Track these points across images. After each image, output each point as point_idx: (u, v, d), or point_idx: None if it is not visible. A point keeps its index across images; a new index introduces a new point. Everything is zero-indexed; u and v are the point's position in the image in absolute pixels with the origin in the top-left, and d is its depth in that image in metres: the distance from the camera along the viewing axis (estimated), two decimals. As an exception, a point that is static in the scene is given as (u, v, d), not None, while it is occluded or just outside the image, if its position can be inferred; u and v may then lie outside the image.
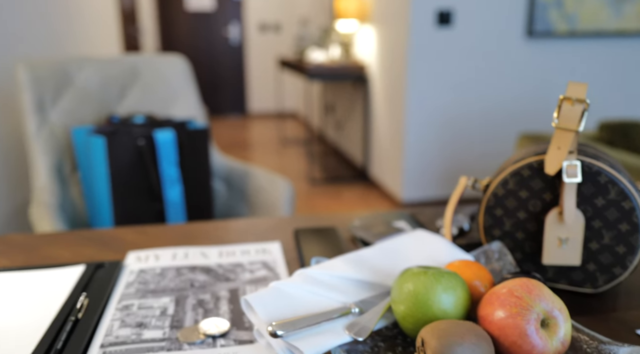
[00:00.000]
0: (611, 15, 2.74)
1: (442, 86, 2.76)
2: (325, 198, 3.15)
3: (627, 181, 0.57)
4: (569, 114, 0.56)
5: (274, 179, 1.34)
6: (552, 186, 0.59)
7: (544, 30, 2.71)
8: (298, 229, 0.77)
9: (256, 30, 5.84)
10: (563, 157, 0.57)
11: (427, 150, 2.85)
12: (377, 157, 3.29)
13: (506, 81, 2.80)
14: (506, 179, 0.61)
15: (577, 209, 0.58)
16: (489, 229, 0.63)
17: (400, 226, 0.79)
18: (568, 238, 0.58)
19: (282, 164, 4.01)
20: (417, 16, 2.63)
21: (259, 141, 4.82)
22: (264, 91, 6.03)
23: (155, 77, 1.32)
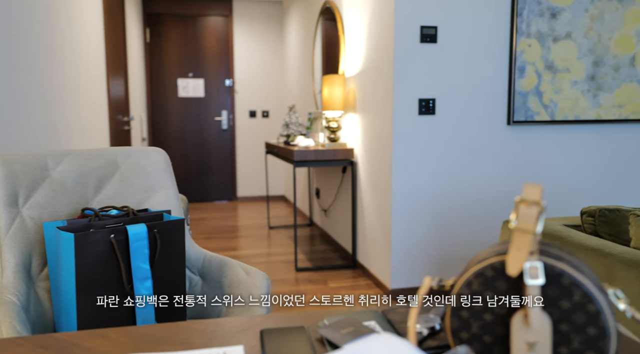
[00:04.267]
0: (589, 104, 2.87)
1: (427, 173, 2.81)
2: (312, 285, 3.08)
3: (591, 283, 0.56)
4: (525, 216, 0.57)
5: (252, 271, 1.31)
6: (516, 287, 0.58)
7: (524, 118, 2.81)
8: (264, 330, 0.74)
9: (245, 116, 6.03)
10: (524, 258, 0.56)
11: (415, 237, 2.84)
12: (364, 243, 3.27)
13: (489, 168, 2.86)
14: (470, 280, 0.60)
15: (543, 312, 0.56)
16: (456, 332, 0.61)
17: (370, 325, 0.76)
18: (536, 342, 0.56)
19: (269, 249, 3.96)
20: (400, 105, 2.74)
21: (246, 226, 4.80)
22: (253, 175, 6.10)
23: (134, 169, 1.34)
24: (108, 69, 3.67)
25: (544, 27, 2.77)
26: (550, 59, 2.79)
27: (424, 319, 0.74)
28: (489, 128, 2.84)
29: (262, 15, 5.97)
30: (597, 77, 2.85)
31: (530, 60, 2.78)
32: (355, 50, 3.35)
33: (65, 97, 2.76)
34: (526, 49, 2.77)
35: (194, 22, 5.84)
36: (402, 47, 2.70)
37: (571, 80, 2.83)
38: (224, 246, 4.04)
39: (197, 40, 5.86)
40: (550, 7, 2.76)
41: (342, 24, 3.59)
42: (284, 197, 6.15)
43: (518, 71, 2.78)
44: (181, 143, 5.93)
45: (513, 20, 2.74)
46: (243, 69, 5.96)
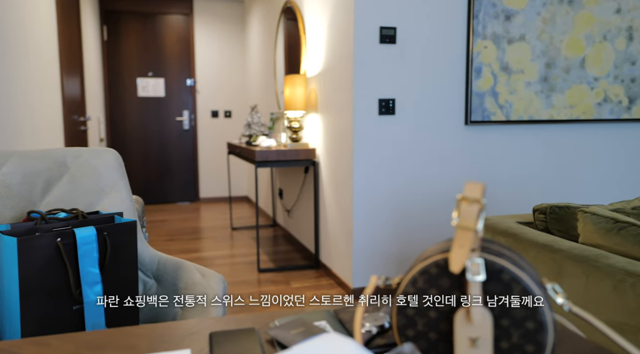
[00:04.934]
0: (542, 105, 2.96)
1: (388, 172, 2.84)
2: (275, 286, 3.06)
3: (529, 278, 0.58)
4: (467, 213, 0.58)
5: (207, 273, 1.30)
6: (459, 284, 0.59)
7: (481, 119, 2.87)
8: (213, 333, 0.73)
9: (207, 116, 5.95)
10: (466, 255, 0.57)
11: (376, 236, 2.86)
12: (327, 243, 3.27)
13: (448, 167, 2.91)
14: (415, 278, 0.61)
15: (484, 308, 0.57)
16: (402, 330, 0.62)
17: (321, 325, 0.76)
18: (478, 338, 0.57)
19: (231, 251, 3.92)
20: (361, 105, 2.75)
21: (209, 227, 4.74)
22: (215, 176, 6.03)
23: (84, 171, 1.30)
24: (62, 68, 3.55)
25: (499, 29, 2.84)
26: (505, 60, 2.87)
27: (374, 318, 0.74)
28: (448, 128, 2.89)
29: (224, 14, 5.91)
30: (549, 79, 2.95)
31: (486, 62, 2.85)
32: (316, 50, 3.36)
33: (14, 96, 2.65)
34: (482, 50, 2.83)
35: (153, 21, 5.73)
36: (361, 47, 2.72)
37: (525, 82, 2.91)
38: (185, 248, 3.97)
39: (157, 39, 5.75)
40: (505, 9, 2.83)
41: (303, 24, 3.59)
42: (247, 198, 6.10)
43: (475, 72, 2.84)
44: (141, 144, 5.81)
45: (469, 22, 2.80)
46: (205, 68, 5.88)
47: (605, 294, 1.28)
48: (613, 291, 1.26)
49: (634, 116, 3.10)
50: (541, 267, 1.53)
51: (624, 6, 3.00)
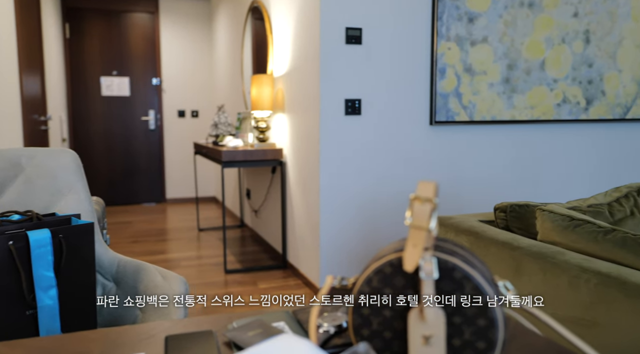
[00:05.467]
0: (504, 106, 3.02)
1: (354, 172, 2.85)
2: (241, 287, 3.04)
3: (480, 276, 0.59)
4: (419, 213, 0.58)
5: (169, 275, 1.27)
6: (413, 283, 0.60)
7: (445, 119, 2.92)
8: (169, 336, 0.72)
9: (174, 115, 5.86)
10: (419, 254, 0.58)
11: (342, 236, 2.88)
12: (294, 243, 3.27)
13: (413, 167, 2.94)
14: (370, 277, 0.61)
15: (437, 306, 0.58)
16: (358, 329, 0.62)
17: (279, 326, 0.76)
18: (431, 336, 0.58)
19: (198, 252, 3.87)
20: (327, 105, 2.76)
21: (175, 228, 4.67)
22: (182, 177, 5.94)
23: (40, 172, 1.26)
24: (21, 65, 3.44)
25: (463, 31, 2.89)
26: (468, 61, 2.92)
27: (332, 318, 0.74)
28: (413, 128, 2.92)
29: (190, 13, 5.83)
30: (511, 80, 3.02)
31: (450, 63, 2.89)
32: (283, 50, 3.35)
33: (-32, 95, 2.55)
34: (446, 51, 2.88)
35: (117, 19, 5.60)
36: (327, 47, 2.72)
37: (488, 83, 2.97)
38: (150, 250, 3.90)
39: (122, 37, 5.62)
40: (468, 12, 2.89)
41: (269, 23, 3.57)
42: (215, 199, 6.04)
43: (439, 73, 2.88)
44: (106, 144, 5.67)
45: (434, 23, 2.84)
46: (171, 67, 5.79)
47: (561, 289, 1.32)
48: (568, 287, 1.30)
49: (591, 117, 3.21)
50: (501, 264, 1.56)
51: (580, 10, 3.09)
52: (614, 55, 3.19)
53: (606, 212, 1.78)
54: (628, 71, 3.24)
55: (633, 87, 3.27)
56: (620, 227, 1.70)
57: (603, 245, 1.38)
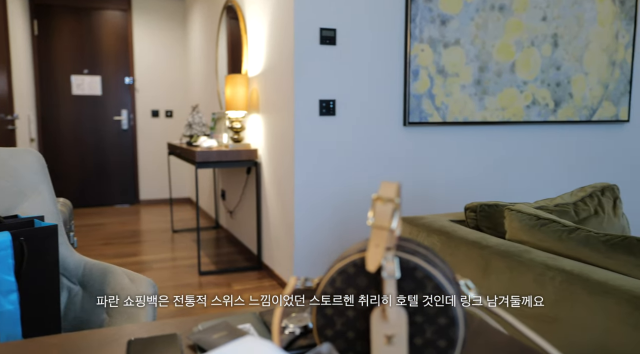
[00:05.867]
0: (476, 107, 3.07)
1: (329, 173, 2.86)
2: (216, 289, 3.02)
3: (441, 276, 0.59)
4: (381, 213, 0.59)
5: (136, 277, 1.26)
6: (376, 283, 0.60)
7: (419, 120, 2.95)
8: (132, 341, 0.70)
9: (147, 115, 5.78)
10: (381, 254, 0.58)
11: (317, 236, 2.88)
12: (269, 244, 3.26)
13: (387, 167, 2.96)
14: (334, 278, 0.61)
15: (399, 305, 0.59)
16: (321, 330, 0.62)
17: (245, 328, 0.75)
18: (394, 335, 0.59)
19: (172, 254, 3.83)
20: (301, 106, 2.76)
21: (149, 230, 4.60)
22: (156, 177, 5.86)
23: (2, 172, 1.22)
24: (-14, 63, 3.34)
25: (435, 34, 2.92)
26: (441, 63, 2.96)
27: (298, 319, 0.74)
28: (387, 129, 2.94)
29: (164, 11, 5.76)
30: (482, 82, 3.06)
31: (423, 65, 2.92)
32: (257, 50, 3.33)
33: None
34: (419, 53, 2.91)
35: (88, 16, 5.50)
36: (302, 48, 2.72)
37: (460, 85, 3.02)
38: (122, 252, 3.84)
39: (93, 35, 5.52)
40: (441, 14, 2.92)
41: (244, 23, 3.56)
42: (190, 200, 5.98)
43: (412, 75, 2.91)
44: (77, 144, 5.56)
45: (407, 25, 2.87)
46: (144, 66, 5.71)
47: (527, 287, 1.35)
48: (534, 284, 1.33)
49: (559, 118, 3.28)
50: (471, 263, 1.59)
51: (549, 14, 3.16)
52: (580, 58, 3.27)
53: (572, 211, 1.82)
54: (594, 74, 3.32)
55: (599, 90, 3.36)
56: (584, 225, 1.75)
57: (567, 243, 1.41)
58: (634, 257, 1.24)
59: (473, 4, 2.98)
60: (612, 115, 3.42)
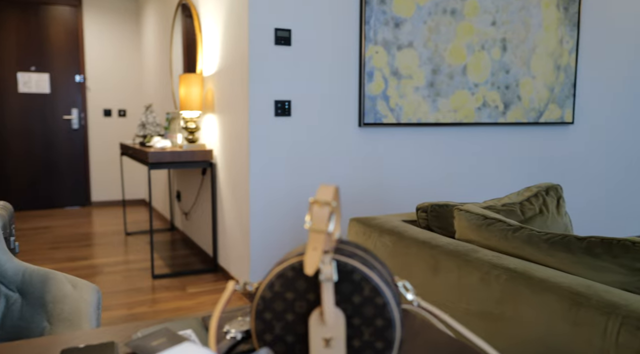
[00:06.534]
0: (429, 109, 3.13)
1: (285, 173, 2.85)
2: (169, 293, 2.95)
3: (378, 278, 0.60)
4: (319, 216, 0.59)
5: (79, 283, 1.21)
6: (314, 286, 0.60)
7: (373, 121, 2.98)
8: (65, 350, 0.68)
9: (99, 115, 5.61)
10: (319, 257, 0.58)
11: (273, 237, 2.86)
12: (225, 246, 3.22)
13: (343, 168, 2.98)
14: (272, 282, 0.61)
15: (337, 308, 0.59)
16: (260, 334, 0.62)
17: (186, 334, 0.74)
18: (332, 338, 0.59)
19: (125, 257, 3.72)
20: (256, 106, 2.74)
21: (101, 233, 4.46)
22: (109, 179, 5.70)
23: None
24: None
25: (389, 36, 2.96)
26: (395, 65, 3.00)
27: (240, 324, 0.74)
28: (342, 129, 2.96)
29: (116, 7, 5.60)
30: (435, 84, 3.13)
31: (377, 66, 2.96)
32: (212, 49, 3.29)
33: None
34: (374, 55, 2.94)
35: (36, 11, 5.28)
36: (256, 48, 2.70)
37: (414, 86, 3.07)
38: (72, 256, 3.71)
39: (41, 30, 5.31)
40: (394, 17, 2.96)
41: (199, 21, 3.50)
42: (145, 202, 5.84)
43: (367, 76, 2.94)
44: (24, 143, 5.33)
45: (361, 27, 2.89)
46: (96, 64, 5.53)
47: (474, 285, 1.38)
48: (480, 283, 1.36)
49: (509, 120, 3.39)
50: (421, 263, 1.62)
51: (498, 19, 3.26)
52: (528, 62, 3.39)
53: (518, 210, 1.89)
54: (541, 78, 3.45)
55: (545, 93, 3.49)
56: (530, 224, 1.81)
57: (512, 242, 1.45)
58: (573, 254, 1.29)
59: (425, 7, 3.04)
60: (557, 117, 3.56)
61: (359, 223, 1.99)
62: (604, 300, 1.06)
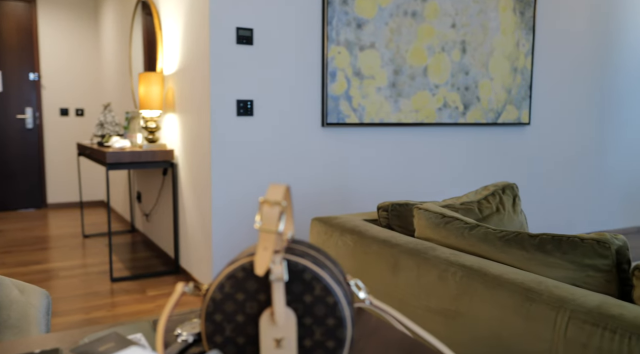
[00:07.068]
0: (391, 109, 3.16)
1: (247, 173, 2.82)
2: (128, 296, 2.88)
3: (329, 277, 0.60)
4: (269, 215, 0.58)
5: (28, 288, 1.17)
6: (265, 287, 0.59)
7: (336, 121, 2.99)
8: (7, 359, 0.65)
9: (56, 114, 5.43)
10: (269, 257, 0.58)
11: (235, 239, 2.83)
12: (186, 247, 3.17)
13: (306, 168, 2.98)
14: (222, 283, 0.60)
15: (288, 308, 0.58)
16: (210, 337, 0.60)
17: (135, 338, 0.72)
18: (283, 338, 0.58)
19: (83, 260, 3.62)
20: (218, 105, 2.70)
21: (57, 235, 4.32)
22: (66, 180, 5.52)
23: None
24: None
25: (352, 36, 2.98)
26: (357, 66, 3.02)
27: (192, 326, 0.72)
28: (305, 129, 2.96)
29: (73, 3, 5.43)
30: (397, 85, 3.16)
31: (340, 67, 2.97)
32: (173, 47, 3.23)
33: None
34: (336, 55, 2.95)
35: (-14, 5, 5.07)
36: (218, 47, 2.67)
37: (376, 87, 3.09)
38: (25, 260, 3.58)
39: (-8, 26, 5.10)
40: (356, 18, 2.98)
41: (159, 19, 3.43)
42: (104, 203, 5.68)
43: (330, 76, 2.95)
44: (-27, 144, 5.10)
45: (324, 28, 2.90)
46: (52, 62, 5.35)
47: (432, 283, 1.40)
48: (438, 280, 1.38)
49: (468, 121, 3.46)
50: (382, 261, 1.63)
51: (457, 22, 3.33)
52: (486, 64, 3.47)
53: (476, 209, 1.93)
54: (498, 80, 3.54)
55: (503, 95, 3.58)
56: (487, 222, 1.85)
57: (469, 240, 1.48)
58: (526, 251, 1.33)
59: (387, 9, 3.07)
60: (514, 118, 3.66)
61: (321, 223, 1.99)
62: (554, 295, 1.09)
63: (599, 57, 4.12)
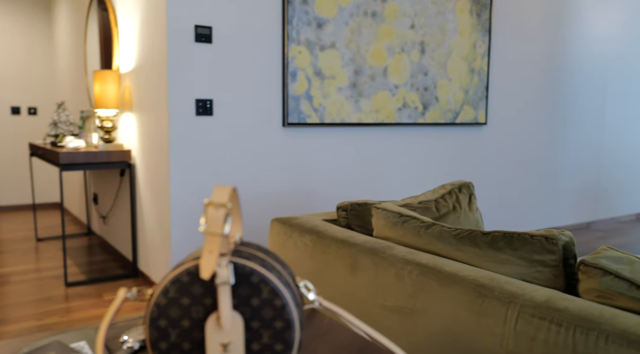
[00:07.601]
0: (352, 109, 3.18)
1: (207, 174, 2.78)
2: (84, 301, 2.80)
3: (277, 279, 0.59)
4: (214, 218, 0.57)
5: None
6: (211, 291, 0.58)
7: (297, 121, 2.98)
8: (-63, 372, 0.62)
9: (6, 112, 5.21)
10: (215, 261, 0.56)
11: (195, 241, 2.79)
12: (145, 250, 3.10)
13: (267, 168, 2.96)
14: (167, 288, 0.59)
15: (234, 312, 0.58)
16: (155, 343, 0.59)
17: (78, 347, 0.70)
18: (230, 343, 0.57)
19: (36, 264, 3.48)
20: (176, 105, 2.65)
21: (8, 239, 4.15)
22: (18, 181, 5.31)
23: None
24: None
25: (312, 36, 2.98)
26: (318, 66, 3.02)
27: (139, 332, 0.70)
28: (266, 129, 2.94)
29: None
30: (357, 85, 3.18)
31: (301, 66, 2.96)
32: (129, 45, 3.15)
33: None
34: (297, 55, 2.94)
35: None
36: (175, 45, 2.62)
37: (337, 87, 3.10)
38: (-26, 266, 3.42)
39: (-64, 20, 4.85)
40: (317, 17, 2.98)
41: (114, 15, 3.34)
42: (56, 206, 5.50)
43: (290, 76, 2.94)
44: None
45: (284, 27, 2.89)
46: (2, 58, 5.14)
47: (389, 281, 1.42)
48: (395, 279, 1.40)
49: (427, 121, 3.52)
50: (340, 261, 1.63)
51: (416, 23, 3.37)
52: (444, 65, 3.53)
53: (433, 207, 1.96)
54: (456, 80, 3.61)
55: (460, 95, 3.65)
56: (444, 221, 1.89)
57: (425, 238, 1.51)
58: (479, 248, 1.36)
59: (347, 9, 3.08)
60: (472, 118, 3.74)
61: (280, 223, 1.98)
62: (505, 291, 1.12)
63: (551, 59, 4.26)
